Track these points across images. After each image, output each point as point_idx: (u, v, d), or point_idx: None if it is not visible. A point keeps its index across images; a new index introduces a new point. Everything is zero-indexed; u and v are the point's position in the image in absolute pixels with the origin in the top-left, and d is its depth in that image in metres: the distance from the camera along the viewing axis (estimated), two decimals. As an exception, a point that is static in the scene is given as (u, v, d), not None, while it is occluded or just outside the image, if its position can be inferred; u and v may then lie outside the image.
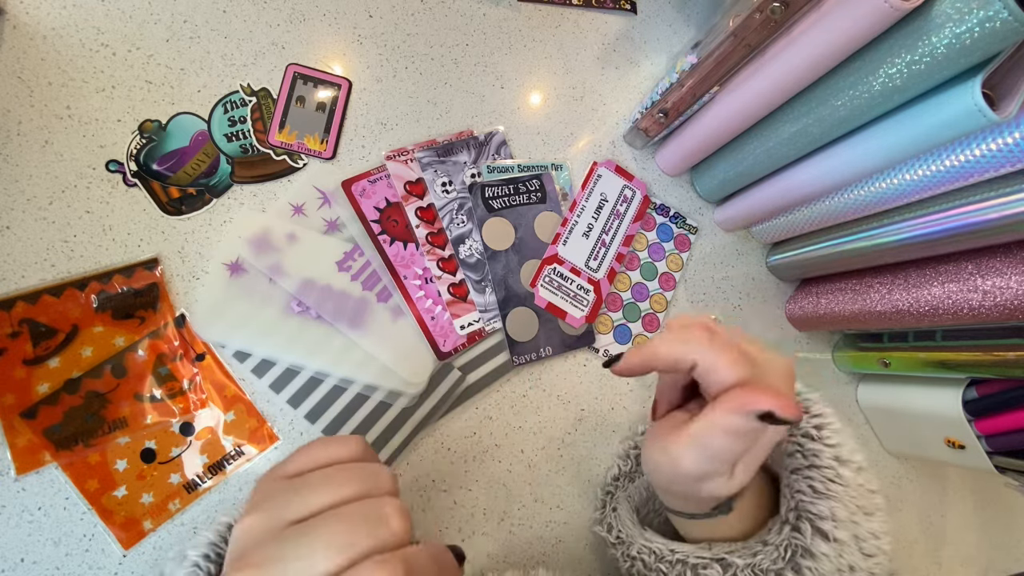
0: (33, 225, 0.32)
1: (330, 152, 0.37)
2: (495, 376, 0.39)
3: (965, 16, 0.24)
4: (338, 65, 0.39)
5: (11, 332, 0.31)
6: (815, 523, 0.28)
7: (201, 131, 0.35)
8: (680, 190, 0.46)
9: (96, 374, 0.32)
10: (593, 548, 0.39)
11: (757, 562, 0.27)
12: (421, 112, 0.40)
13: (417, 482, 0.36)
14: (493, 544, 0.37)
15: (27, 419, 0.30)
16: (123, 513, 0.31)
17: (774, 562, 0.27)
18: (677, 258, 0.45)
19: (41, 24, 0.33)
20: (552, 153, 0.43)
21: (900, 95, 0.29)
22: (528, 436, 0.39)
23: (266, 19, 0.37)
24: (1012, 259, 0.33)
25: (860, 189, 0.36)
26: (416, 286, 0.38)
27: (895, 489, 0.49)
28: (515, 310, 0.39)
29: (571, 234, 0.41)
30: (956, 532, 0.50)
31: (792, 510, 0.29)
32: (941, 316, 0.36)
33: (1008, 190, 0.30)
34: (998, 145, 0.28)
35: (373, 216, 0.37)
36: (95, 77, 0.34)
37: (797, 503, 0.29)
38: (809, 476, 0.29)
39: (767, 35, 0.31)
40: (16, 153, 0.32)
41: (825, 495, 0.28)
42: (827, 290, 0.44)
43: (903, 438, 0.46)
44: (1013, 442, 0.38)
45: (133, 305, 0.33)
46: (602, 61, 0.45)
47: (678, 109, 0.39)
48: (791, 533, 0.28)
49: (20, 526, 0.30)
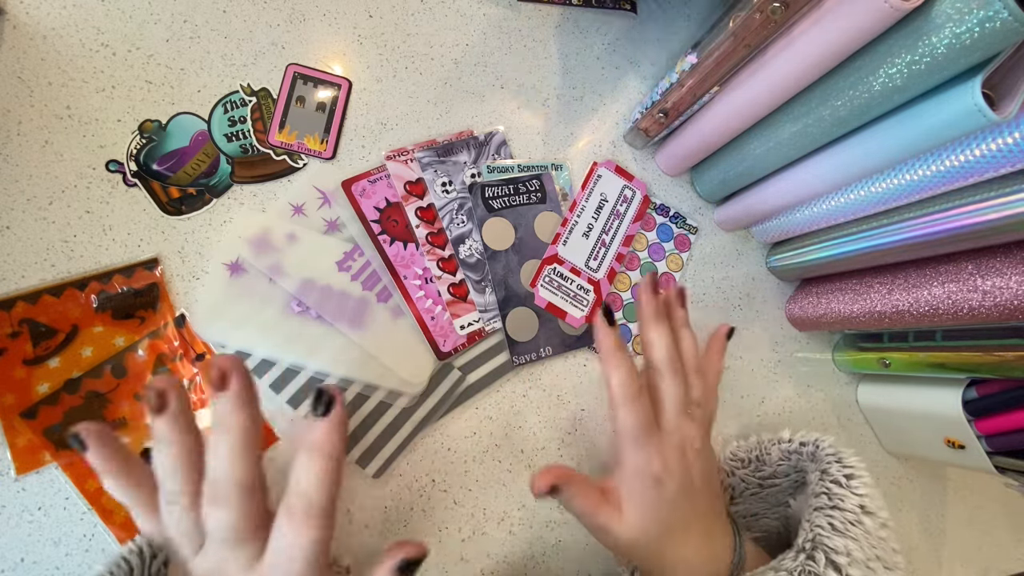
0: (33, 225, 0.32)
1: (330, 152, 0.37)
2: (495, 376, 0.39)
3: (965, 16, 0.24)
4: (338, 65, 0.39)
5: (11, 332, 0.31)
6: (829, 556, 0.28)
7: (201, 131, 0.35)
8: (680, 190, 0.46)
9: (96, 374, 0.32)
10: (593, 548, 0.39)
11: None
12: (421, 112, 0.40)
13: (417, 482, 0.36)
14: (493, 544, 0.37)
15: (27, 419, 0.30)
16: (123, 513, 0.31)
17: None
18: (677, 258, 0.45)
19: (41, 24, 0.33)
20: (552, 153, 0.43)
21: (900, 95, 0.29)
22: (528, 436, 0.39)
23: (266, 19, 0.37)
24: (1012, 259, 0.33)
25: (860, 189, 0.36)
26: (416, 286, 0.38)
27: (895, 489, 0.49)
28: (515, 310, 0.39)
29: (571, 234, 0.41)
30: (956, 532, 0.50)
31: (809, 541, 0.29)
32: (941, 316, 0.36)
33: (1008, 190, 0.30)
34: (998, 145, 0.28)
35: (373, 216, 0.37)
36: (95, 77, 0.34)
37: (815, 536, 0.29)
38: (830, 515, 0.29)
39: (767, 35, 0.31)
40: (16, 153, 0.32)
41: (843, 533, 0.28)
42: (827, 290, 0.44)
43: (903, 438, 0.46)
44: (1013, 442, 0.38)
45: (133, 305, 0.33)
46: (602, 61, 0.45)
47: (678, 109, 0.39)
48: (805, 560, 0.28)
49: (20, 526, 0.30)
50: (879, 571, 0.28)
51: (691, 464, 0.31)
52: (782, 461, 0.36)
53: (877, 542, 0.29)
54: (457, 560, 0.36)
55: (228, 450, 0.23)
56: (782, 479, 0.36)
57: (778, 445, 0.36)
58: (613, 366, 0.30)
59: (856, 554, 0.27)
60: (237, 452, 0.23)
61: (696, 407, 0.32)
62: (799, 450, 0.35)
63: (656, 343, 0.32)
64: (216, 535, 0.24)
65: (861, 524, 0.29)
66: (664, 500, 0.29)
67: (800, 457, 0.35)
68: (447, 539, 0.36)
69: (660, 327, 0.32)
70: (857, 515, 0.29)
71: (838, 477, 0.31)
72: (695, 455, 0.31)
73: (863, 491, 0.30)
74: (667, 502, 0.29)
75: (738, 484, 0.38)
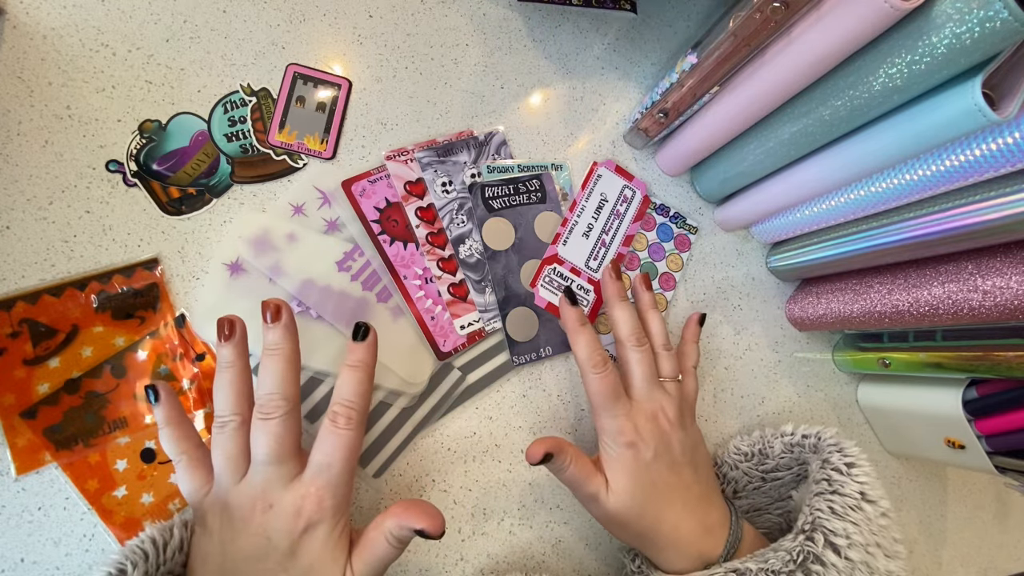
0: (33, 225, 0.32)
1: (330, 152, 0.37)
2: (495, 376, 0.39)
3: (965, 16, 0.24)
4: (338, 65, 0.39)
5: (11, 332, 0.31)
6: (828, 537, 0.28)
7: (201, 131, 0.35)
8: (680, 190, 0.46)
9: (96, 374, 0.32)
10: (594, 548, 0.39)
11: (769, 566, 0.28)
12: (421, 112, 0.40)
13: (417, 482, 0.36)
14: (493, 544, 0.37)
15: (27, 419, 0.30)
16: (123, 513, 0.31)
17: (785, 564, 0.28)
18: (677, 258, 0.45)
19: (41, 24, 0.33)
20: (552, 153, 0.43)
21: (900, 95, 0.29)
22: (528, 436, 0.39)
23: (266, 19, 0.37)
24: (1012, 259, 0.33)
25: (860, 189, 0.36)
26: (416, 286, 0.38)
27: (895, 489, 0.49)
28: (515, 310, 0.39)
29: (571, 234, 0.41)
30: (956, 532, 0.50)
31: (808, 523, 0.29)
32: (941, 316, 0.36)
33: (1008, 190, 0.30)
34: (998, 145, 0.28)
35: (373, 216, 0.37)
36: (95, 77, 0.34)
37: (815, 519, 0.29)
38: (831, 499, 0.30)
39: (767, 35, 0.31)
40: (16, 153, 0.32)
41: (843, 517, 0.29)
42: (827, 290, 0.44)
43: (903, 438, 0.46)
44: (1013, 442, 0.38)
45: (133, 305, 0.33)
46: (602, 61, 0.45)
47: (678, 109, 0.39)
48: (804, 541, 0.28)
49: (20, 526, 0.30)
50: (879, 558, 0.28)
51: (667, 433, 0.33)
52: (784, 454, 0.36)
53: (878, 529, 0.29)
54: (457, 560, 0.36)
55: (279, 369, 0.28)
56: (784, 472, 0.36)
57: (781, 438, 0.37)
58: (577, 338, 0.34)
59: (856, 537, 0.28)
60: (286, 371, 0.28)
61: (669, 382, 0.34)
62: (801, 442, 0.35)
63: (620, 320, 0.35)
64: (260, 455, 0.27)
65: (861, 510, 0.29)
66: (641, 463, 0.31)
67: (802, 449, 0.35)
68: (447, 539, 0.36)
69: (623, 305, 0.36)
70: (857, 501, 0.29)
71: (839, 465, 0.31)
72: (670, 426, 0.33)
73: (863, 479, 0.31)
74: (644, 465, 0.31)
75: (741, 478, 0.38)
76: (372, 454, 0.35)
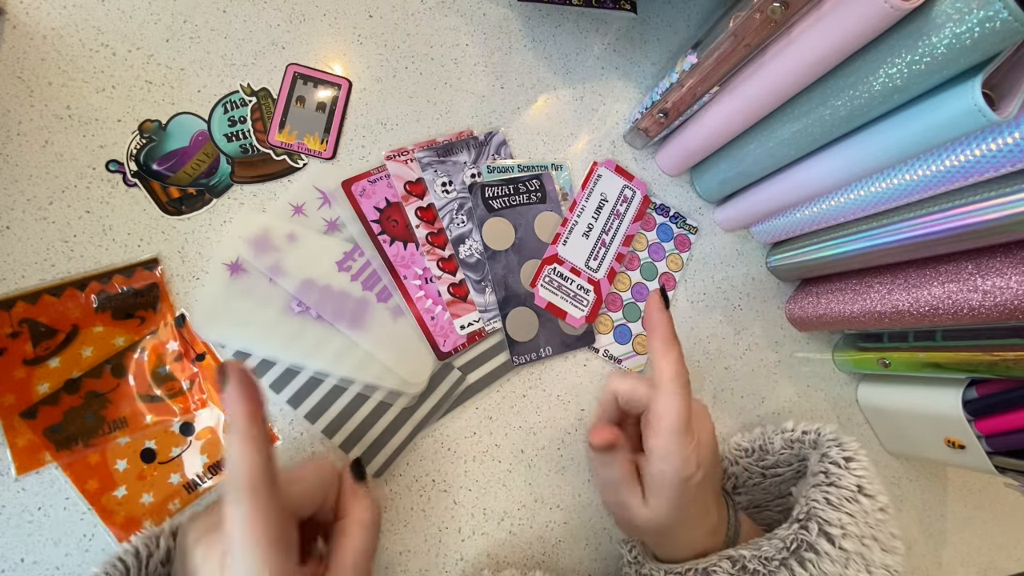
0: (33, 225, 0.32)
1: (330, 152, 0.37)
2: (495, 376, 0.39)
3: (965, 16, 0.24)
4: (338, 65, 0.39)
5: (11, 332, 0.31)
6: (823, 527, 0.28)
7: (201, 131, 0.35)
8: (680, 190, 0.46)
9: (96, 374, 0.32)
10: (593, 548, 0.39)
11: (762, 552, 0.28)
12: (421, 112, 0.40)
13: (417, 482, 0.36)
14: (493, 544, 0.37)
15: (27, 419, 0.30)
16: (123, 513, 0.31)
17: (778, 551, 0.28)
18: (677, 258, 0.45)
19: (41, 24, 0.33)
20: (552, 153, 0.43)
21: (900, 95, 0.29)
22: (528, 436, 0.39)
23: (266, 19, 0.37)
24: (1012, 259, 0.33)
25: (860, 189, 0.36)
26: (416, 286, 0.38)
27: (895, 489, 0.49)
28: (515, 310, 0.39)
29: (571, 234, 0.41)
30: (956, 532, 0.50)
31: (803, 513, 0.29)
32: (941, 316, 0.36)
33: (1008, 190, 0.30)
34: (998, 145, 0.28)
35: (373, 216, 0.37)
36: (95, 77, 0.34)
37: (810, 508, 0.29)
38: (827, 491, 0.30)
39: (767, 35, 0.31)
40: (16, 153, 0.32)
41: (838, 508, 0.29)
42: (827, 290, 0.44)
43: (903, 438, 0.46)
44: (1013, 442, 0.38)
45: (133, 305, 0.33)
46: (602, 61, 0.45)
47: (678, 109, 0.39)
48: (798, 530, 0.28)
49: (20, 526, 0.30)
50: (875, 551, 0.28)
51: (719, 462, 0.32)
52: (784, 450, 0.36)
53: (875, 523, 0.29)
54: (457, 560, 0.36)
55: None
56: (784, 468, 0.36)
57: (781, 435, 0.37)
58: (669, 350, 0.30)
59: (851, 528, 0.28)
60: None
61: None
62: (801, 438, 0.35)
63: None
64: None
65: (857, 502, 0.29)
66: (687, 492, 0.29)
67: (802, 445, 0.35)
68: (447, 539, 0.36)
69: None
70: (854, 493, 0.29)
71: (837, 459, 0.31)
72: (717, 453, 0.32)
73: (861, 472, 0.30)
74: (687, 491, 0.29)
75: (741, 473, 0.38)
76: (372, 454, 0.35)
